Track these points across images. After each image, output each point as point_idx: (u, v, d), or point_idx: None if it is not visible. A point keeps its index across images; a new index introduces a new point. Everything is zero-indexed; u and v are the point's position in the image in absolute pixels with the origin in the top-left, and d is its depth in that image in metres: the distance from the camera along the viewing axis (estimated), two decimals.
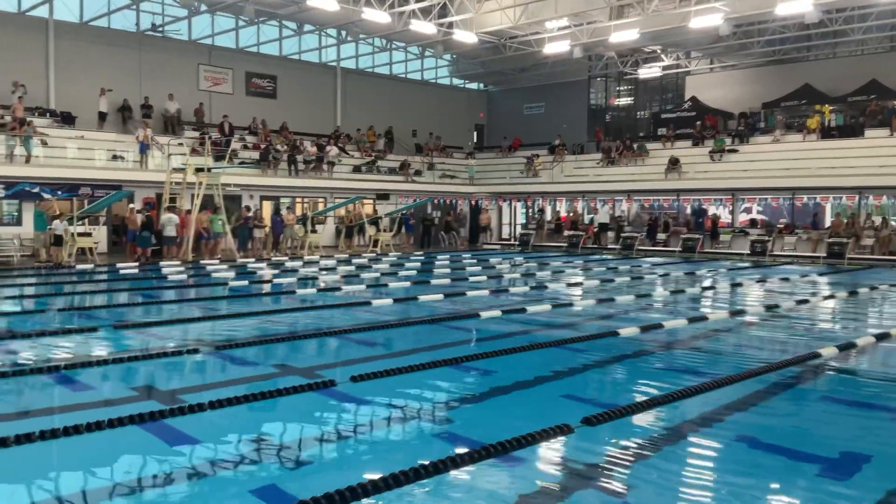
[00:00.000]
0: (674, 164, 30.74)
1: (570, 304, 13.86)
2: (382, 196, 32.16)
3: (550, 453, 5.59)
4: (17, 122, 23.66)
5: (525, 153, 37.37)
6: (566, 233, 32.07)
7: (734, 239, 28.55)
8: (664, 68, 37.43)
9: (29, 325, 11.04)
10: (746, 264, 24.39)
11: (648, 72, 37.55)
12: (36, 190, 21.70)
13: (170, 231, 23.06)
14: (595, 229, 31.74)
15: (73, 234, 21.48)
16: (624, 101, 40.78)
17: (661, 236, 29.77)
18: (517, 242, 33.77)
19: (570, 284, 17.78)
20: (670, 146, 33.32)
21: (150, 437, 5.85)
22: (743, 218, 30.28)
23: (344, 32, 34.60)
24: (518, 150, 38.68)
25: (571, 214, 33.59)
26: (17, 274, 18.60)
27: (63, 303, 13.92)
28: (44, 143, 24.13)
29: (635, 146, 34.04)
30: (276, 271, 20.00)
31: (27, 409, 6.99)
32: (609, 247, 30.32)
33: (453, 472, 5.08)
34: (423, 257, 26.37)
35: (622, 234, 30.15)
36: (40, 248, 21.68)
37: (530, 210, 36.71)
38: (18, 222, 23.32)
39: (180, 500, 4.79)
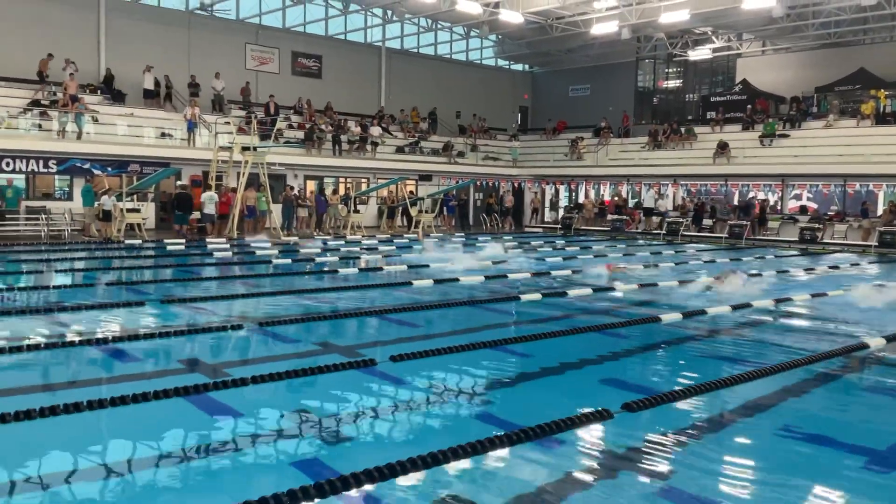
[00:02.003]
0: (722, 148, 30.16)
1: (612, 289, 13.73)
2: (425, 177, 32.21)
3: (589, 438, 5.57)
4: (69, 98, 24.17)
5: (569, 135, 37.01)
6: (609, 217, 31.74)
7: (783, 226, 27.94)
8: (715, 50, 36.64)
9: (78, 298, 11.32)
10: (795, 252, 23.89)
11: (698, 54, 36.80)
12: (87, 166, 22.22)
13: (209, 209, 23.38)
14: (640, 214, 31.37)
15: (122, 210, 21.93)
16: (672, 83, 40.05)
17: (706, 222, 29.28)
18: (559, 226, 33.53)
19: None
20: (719, 130, 32.68)
21: (195, 410, 5.98)
22: (792, 205, 29.60)
23: (389, 12, 34.55)
24: (562, 133, 38.32)
25: (616, 198, 33.19)
26: (67, 248, 19.06)
27: (111, 277, 14.23)
28: (94, 120, 24.63)
29: (683, 129, 33.47)
30: (319, 250, 20.17)
31: (76, 380, 7.19)
32: (654, 231, 29.95)
33: (491, 454, 5.09)
34: (463, 239, 26.35)
35: (667, 220, 29.73)
36: (90, 224, 22.17)
37: (572, 194, 36.40)
38: (69, 197, 23.89)
39: (223, 471, 4.88)
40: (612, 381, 7.37)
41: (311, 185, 29.60)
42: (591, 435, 5.61)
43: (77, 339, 8.44)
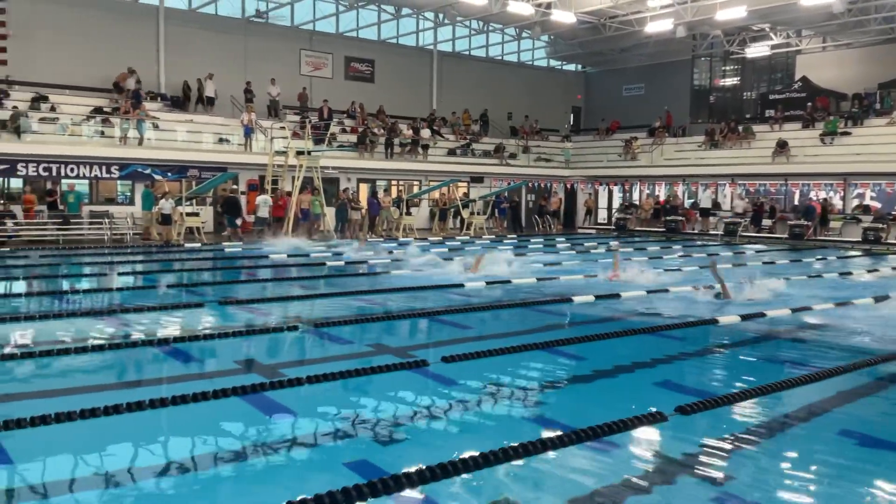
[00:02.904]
0: (782, 147, 29.47)
1: (666, 290, 13.53)
2: (476, 179, 32.22)
3: (643, 441, 5.51)
4: (131, 106, 24.88)
5: (623, 135, 36.60)
6: (664, 217, 31.27)
7: (845, 226, 27.15)
8: (773, 47, 35.79)
9: (140, 300, 11.65)
10: (857, 253, 23.19)
11: (756, 51, 36.00)
12: (148, 171, 22.84)
13: (263, 212, 23.78)
14: (696, 214, 30.83)
15: (181, 214, 22.49)
16: (729, 81, 39.25)
17: (766, 222, 28.64)
18: (613, 227, 33.19)
19: (667, 270, 17.35)
20: (778, 128, 31.93)
21: (251, 409, 6.10)
22: (855, 204, 28.74)
23: (441, 15, 34.66)
24: (616, 133, 37.91)
25: (671, 199, 32.69)
26: (129, 251, 19.62)
27: (171, 279, 14.60)
28: (155, 127, 25.31)
29: (741, 128, 32.80)
30: (372, 252, 20.36)
31: (138, 380, 7.41)
32: (711, 232, 29.41)
33: (543, 456, 5.08)
34: (515, 240, 26.30)
35: (725, 220, 29.17)
36: (151, 227, 22.78)
37: (626, 194, 35.96)
38: (131, 202, 24.61)
39: (278, 470, 4.98)
40: (666, 383, 7.27)
41: (364, 189, 29.89)
42: (645, 438, 5.56)
43: (139, 339, 8.69)
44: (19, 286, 13.58)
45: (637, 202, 34.14)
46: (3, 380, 7.13)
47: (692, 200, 32.46)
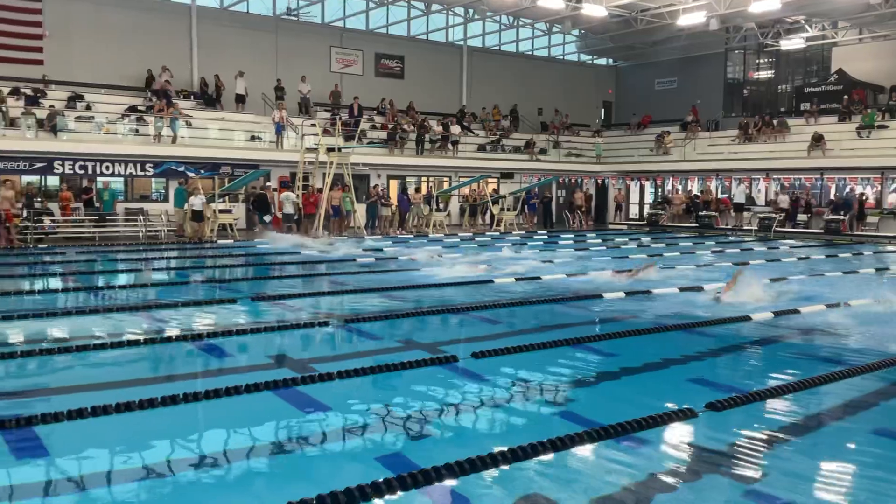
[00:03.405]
0: (817, 140, 28.96)
1: (699, 289, 13.40)
2: (507, 175, 32.13)
3: (673, 437, 5.48)
4: (164, 104, 25.23)
5: (655, 130, 36.25)
6: (697, 213, 30.92)
7: (882, 221, 26.64)
8: (808, 39, 35.17)
9: (174, 295, 11.83)
10: (895, 248, 22.75)
11: (791, 43, 35.41)
12: (181, 169, 23.11)
13: (288, 209, 23.98)
14: (731, 208, 30.45)
15: (214, 211, 22.75)
16: (764, 74, 38.67)
17: (801, 217, 28.20)
18: (646, 222, 32.92)
19: (699, 266, 17.20)
20: (814, 122, 31.37)
21: (283, 403, 6.17)
22: (893, 199, 28.16)
23: (471, 11, 34.61)
24: (648, 128, 37.57)
25: (703, 194, 32.31)
26: (163, 248, 19.91)
27: (205, 276, 14.77)
28: (188, 125, 25.63)
29: (775, 122, 32.31)
30: (401, 248, 20.42)
31: (173, 374, 7.52)
32: (744, 228, 29.04)
33: (573, 452, 5.08)
34: (545, 236, 26.21)
35: (759, 215, 28.77)
36: (184, 224, 23.08)
37: (658, 190, 35.62)
38: (165, 199, 24.96)
39: (310, 462, 5.03)
40: (697, 379, 7.21)
41: (394, 185, 29.98)
42: (675, 434, 5.53)
43: (173, 334, 8.82)
44: (56, 282, 13.86)
45: (670, 197, 33.78)
46: (40, 373, 7.30)
47: (725, 196, 32.05)
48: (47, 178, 23.92)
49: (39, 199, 22.23)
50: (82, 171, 23.45)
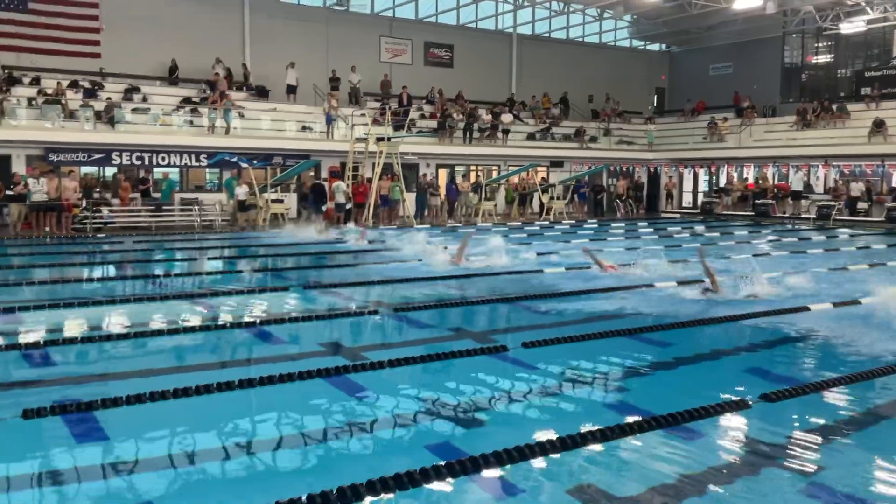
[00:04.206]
0: (878, 126, 28.04)
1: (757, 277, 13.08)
2: (556, 163, 31.86)
3: (726, 428, 5.39)
4: (218, 95, 25.64)
5: (710, 116, 35.51)
6: (754, 201, 30.24)
7: None
8: (869, 22, 34.00)
9: (228, 284, 12.03)
10: None
11: (851, 26, 34.28)
12: (234, 159, 23.48)
13: (339, 198, 24.17)
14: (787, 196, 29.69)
15: (267, 201, 23.08)
16: (822, 58, 37.55)
17: (861, 206, 27.36)
18: (699, 211, 32.33)
19: (755, 255, 16.82)
20: (875, 107, 30.37)
21: (335, 391, 6.23)
22: None
23: None
24: (702, 114, 36.82)
25: (760, 181, 31.58)
26: (217, 237, 20.26)
27: (258, 264, 14.97)
28: (241, 116, 26.01)
29: (834, 107, 31.38)
30: (451, 237, 20.42)
31: (227, 361, 7.66)
32: (802, 216, 28.31)
33: (625, 442, 5.03)
34: (596, 225, 25.95)
35: (818, 203, 28.00)
36: (236, 214, 23.47)
37: (712, 177, 34.90)
38: (219, 189, 25.40)
39: (361, 451, 5.07)
40: (752, 370, 7.07)
41: (443, 174, 29.99)
42: (728, 425, 5.43)
43: (228, 321, 8.98)
44: (115, 271, 14.23)
45: (729, 185, 33.03)
46: (100, 359, 7.50)
47: (783, 182, 31.28)
48: (106, 169, 24.54)
49: (98, 190, 22.81)
50: (139, 162, 24.01)
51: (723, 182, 33.62)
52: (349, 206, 24.40)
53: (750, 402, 5.75)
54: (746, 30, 35.85)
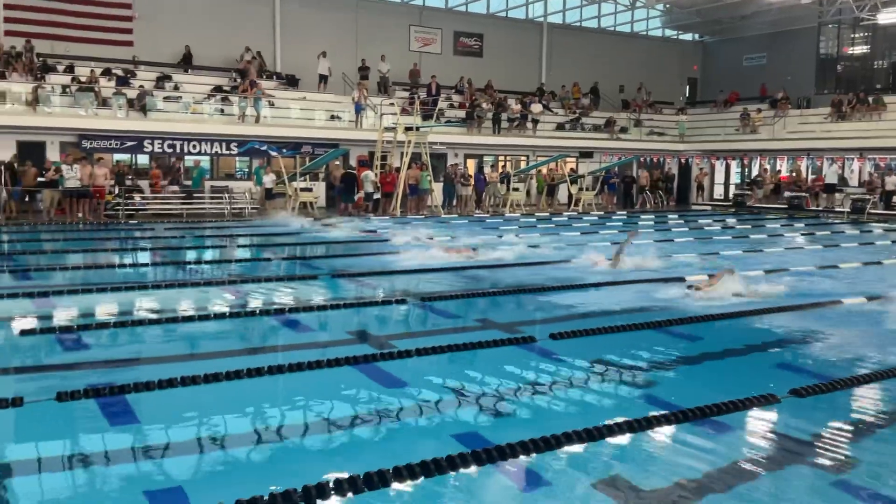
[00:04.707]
0: None
1: (785, 270, 12.93)
2: (586, 154, 31.61)
3: (754, 422, 5.35)
4: (248, 84, 25.80)
5: (743, 107, 35.01)
6: (786, 193, 29.80)
7: None
8: None
9: (258, 271, 12.13)
10: None
11: (889, 16, 33.52)
12: (264, 148, 23.63)
13: (368, 187, 24.23)
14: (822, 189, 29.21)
15: (296, 190, 23.21)
16: (859, 49, 36.81)
17: None
18: (731, 203, 31.93)
19: (788, 248, 16.61)
20: None
21: (363, 378, 6.27)
22: None
23: None
24: (735, 105, 36.32)
25: (793, 174, 31.10)
26: (244, 225, 20.41)
27: (286, 253, 15.07)
28: (271, 105, 26.15)
29: (871, 99, 30.77)
30: (478, 227, 20.40)
31: (257, 347, 7.73)
32: (836, 209, 27.85)
33: (652, 436, 5.00)
34: (625, 217, 25.75)
35: (852, 197, 27.51)
36: (265, 202, 23.65)
37: (744, 169, 34.43)
38: (249, 177, 25.60)
39: (388, 438, 5.10)
40: (781, 365, 6.98)
41: (471, 164, 29.92)
42: (757, 420, 5.38)
43: (257, 308, 9.06)
44: (147, 257, 14.42)
45: (760, 177, 32.56)
46: (132, 343, 7.61)
47: (815, 177, 30.77)
48: (138, 157, 24.83)
49: (131, 177, 23.09)
50: (171, 150, 24.25)
51: (755, 174, 33.15)
52: (377, 195, 24.46)
53: (779, 398, 5.69)
54: (781, 20, 35.25)
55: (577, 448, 4.73)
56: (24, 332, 7.60)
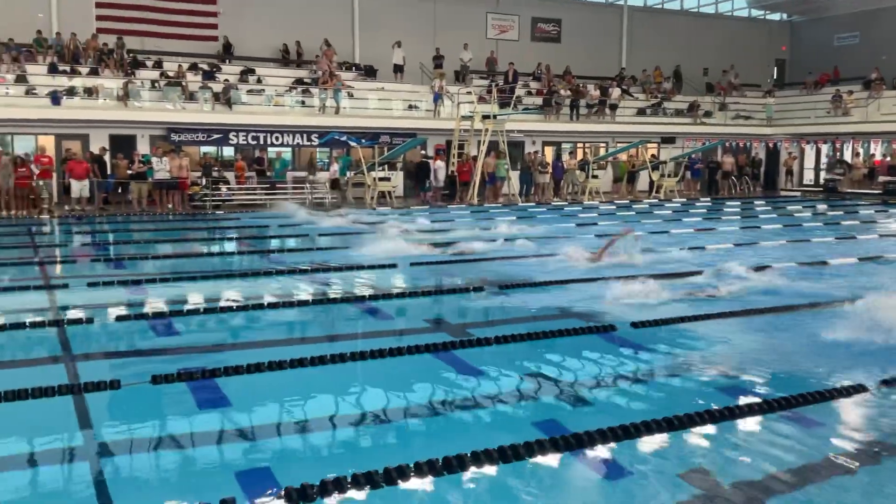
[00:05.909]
0: None
1: (879, 258, 12.38)
2: (668, 140, 30.92)
3: (843, 413, 5.18)
4: (328, 76, 26.23)
5: (834, 89, 33.55)
6: (881, 178, 28.45)
7: None
8: None
9: (336, 259, 12.36)
10: None
11: None
12: (343, 138, 24.01)
13: (439, 178, 24.32)
14: None
15: (374, 179, 23.51)
16: None
17: None
18: (822, 189, 30.71)
19: (883, 236, 15.89)
20: None
21: (442, 365, 6.35)
22: None
23: None
24: (825, 87, 34.83)
25: (889, 158, 29.66)
26: (323, 215, 20.78)
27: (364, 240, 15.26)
28: (350, 96, 26.53)
29: None
30: (556, 215, 20.24)
31: (337, 334, 7.90)
32: None
33: (735, 424, 4.91)
34: (709, 204, 25.09)
35: None
36: (344, 193, 24.05)
37: (835, 154, 33.00)
38: (328, 168, 26.07)
39: (466, 426, 5.16)
40: (873, 355, 6.70)
41: (549, 152, 29.66)
42: (846, 411, 5.20)
43: (339, 296, 9.25)
44: (232, 246, 14.88)
45: (847, 161, 31.21)
46: (221, 329, 7.90)
47: None
48: (223, 149, 25.61)
49: (217, 169, 23.84)
50: (254, 142, 24.93)
51: (847, 157, 31.76)
52: (446, 185, 24.56)
53: (868, 388, 5.49)
54: None
55: (659, 437, 4.68)
56: (119, 319, 7.96)
